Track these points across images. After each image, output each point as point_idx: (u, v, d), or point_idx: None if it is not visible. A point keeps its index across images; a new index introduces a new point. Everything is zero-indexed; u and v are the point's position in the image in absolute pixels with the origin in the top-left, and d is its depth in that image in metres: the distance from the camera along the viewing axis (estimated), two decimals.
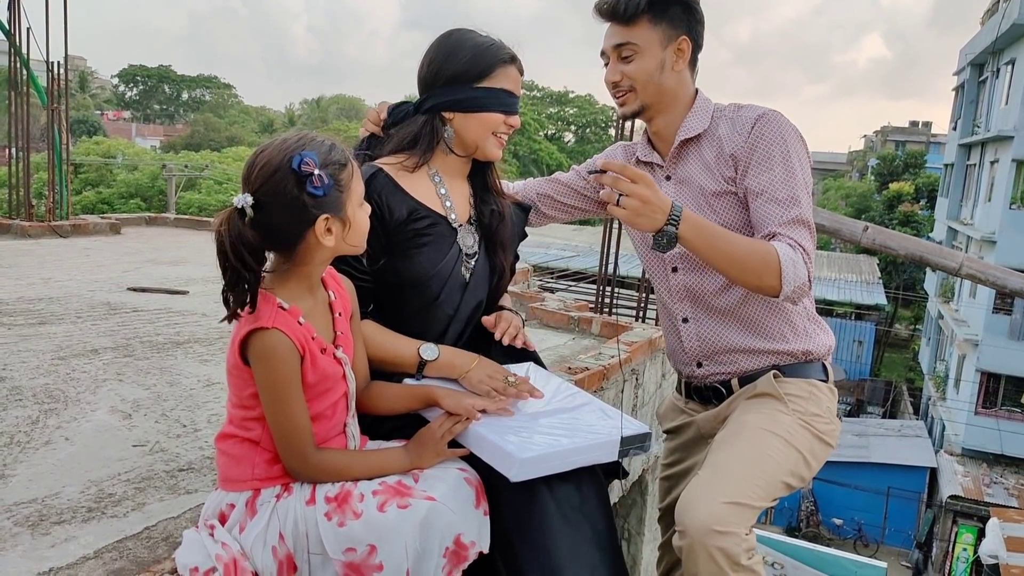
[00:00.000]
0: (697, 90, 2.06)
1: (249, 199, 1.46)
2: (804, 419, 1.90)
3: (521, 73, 1.88)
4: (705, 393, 2.10)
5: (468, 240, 1.89)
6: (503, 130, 1.86)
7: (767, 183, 1.88)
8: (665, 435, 2.29)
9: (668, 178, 2.06)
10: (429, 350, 1.79)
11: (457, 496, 1.57)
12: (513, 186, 2.27)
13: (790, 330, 2.00)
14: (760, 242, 1.82)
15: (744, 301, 1.99)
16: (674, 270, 2.07)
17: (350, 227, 1.55)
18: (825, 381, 2.01)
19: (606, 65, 2.03)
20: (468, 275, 1.89)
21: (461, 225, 1.89)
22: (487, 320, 1.92)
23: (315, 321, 1.58)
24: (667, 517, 2.25)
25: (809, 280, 1.83)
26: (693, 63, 2.03)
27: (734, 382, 2.04)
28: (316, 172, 1.47)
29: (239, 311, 1.49)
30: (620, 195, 1.67)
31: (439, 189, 1.87)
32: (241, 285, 1.47)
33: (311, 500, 1.52)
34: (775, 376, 1.96)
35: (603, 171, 1.69)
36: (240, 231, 1.45)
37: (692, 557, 1.64)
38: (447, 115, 1.85)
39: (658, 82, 1.97)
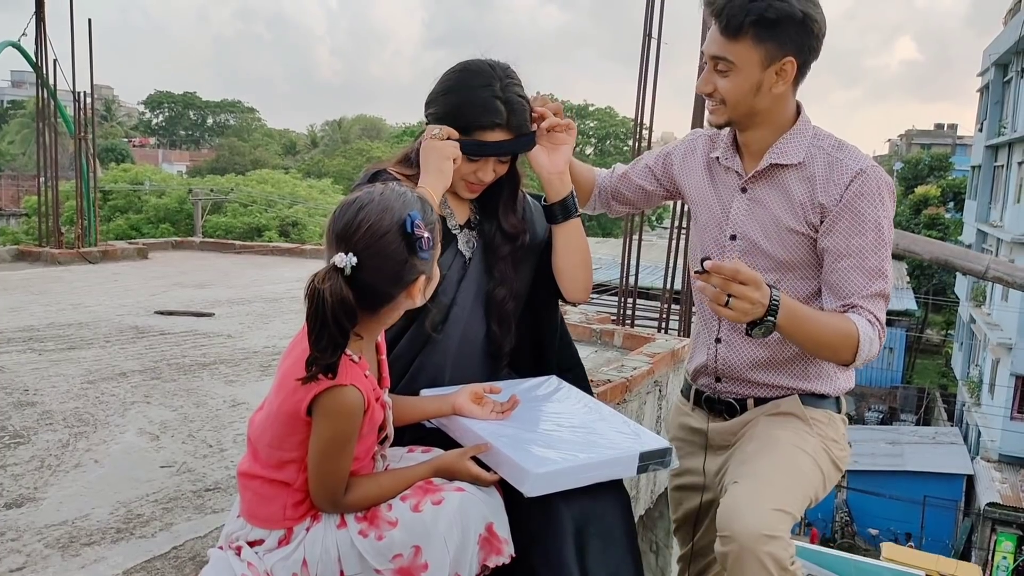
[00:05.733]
0: (799, 109, 1.94)
1: (354, 260, 1.42)
2: (825, 443, 1.93)
3: (515, 132, 1.82)
4: (717, 406, 2.09)
5: (467, 244, 1.91)
6: (472, 179, 1.85)
7: (856, 248, 1.82)
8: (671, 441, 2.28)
9: (744, 190, 1.97)
10: None
11: (485, 491, 1.59)
12: (600, 179, 2.25)
13: (815, 373, 1.99)
14: (842, 321, 1.80)
15: (781, 340, 1.92)
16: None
17: (431, 282, 1.55)
18: (838, 412, 2.03)
19: (704, 64, 1.90)
20: (464, 272, 1.90)
21: (460, 229, 1.90)
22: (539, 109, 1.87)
23: (368, 364, 1.56)
24: (683, 528, 2.23)
25: (879, 350, 1.84)
26: (798, 81, 1.88)
27: (749, 401, 2.04)
28: (426, 235, 1.47)
29: (322, 375, 1.42)
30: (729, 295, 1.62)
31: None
32: (332, 348, 1.41)
33: (341, 524, 1.53)
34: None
35: (707, 271, 1.63)
36: (343, 292, 1.40)
37: (739, 563, 1.63)
38: None
39: (751, 103, 1.85)
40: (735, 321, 1.69)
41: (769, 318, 1.66)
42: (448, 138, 1.79)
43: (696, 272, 1.67)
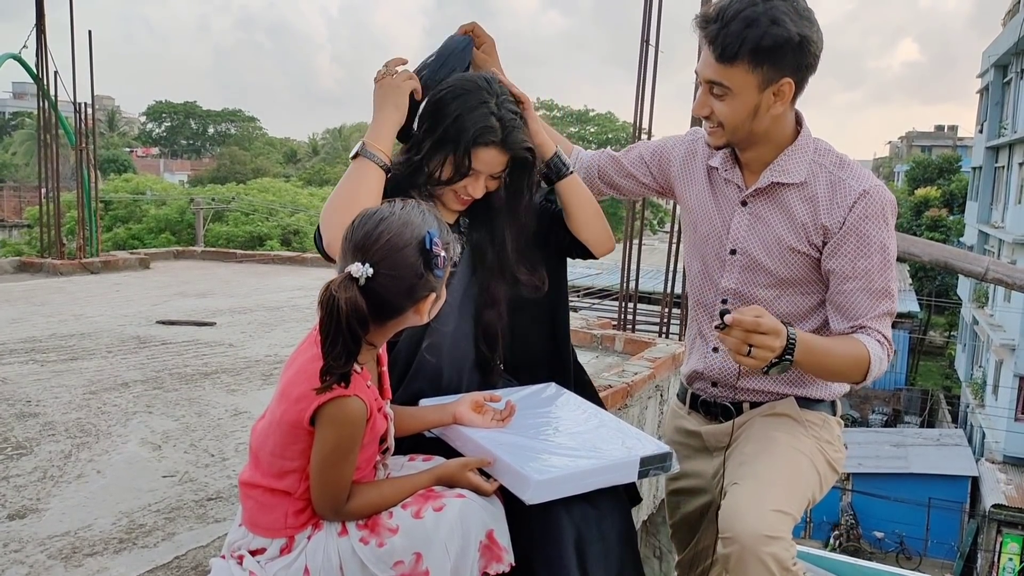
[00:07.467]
0: (799, 122, 1.90)
1: (369, 271, 1.44)
2: (820, 444, 1.94)
3: (509, 151, 1.83)
4: (712, 409, 2.09)
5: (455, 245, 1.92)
6: (463, 194, 1.86)
7: (863, 271, 1.83)
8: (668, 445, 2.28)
9: (744, 204, 1.95)
10: None
11: (486, 498, 1.60)
12: (583, 154, 2.28)
13: (810, 379, 2.00)
14: (854, 346, 1.80)
15: None
16: (723, 302, 2.01)
17: (439, 301, 1.56)
18: (833, 415, 2.04)
19: (698, 83, 1.85)
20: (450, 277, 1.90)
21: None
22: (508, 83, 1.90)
23: (370, 375, 1.57)
24: (680, 533, 2.23)
25: (887, 367, 1.85)
26: (796, 97, 1.83)
27: (745, 405, 2.04)
28: (442, 254, 1.49)
29: (335, 384, 1.42)
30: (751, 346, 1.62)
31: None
32: (346, 356, 1.40)
33: (343, 531, 1.54)
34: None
35: (728, 325, 1.62)
36: (356, 300, 1.40)
37: (741, 565, 1.63)
38: None
39: (749, 126, 1.82)
40: (755, 368, 1.68)
41: (787, 357, 1.67)
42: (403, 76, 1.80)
43: (716, 327, 1.67)
